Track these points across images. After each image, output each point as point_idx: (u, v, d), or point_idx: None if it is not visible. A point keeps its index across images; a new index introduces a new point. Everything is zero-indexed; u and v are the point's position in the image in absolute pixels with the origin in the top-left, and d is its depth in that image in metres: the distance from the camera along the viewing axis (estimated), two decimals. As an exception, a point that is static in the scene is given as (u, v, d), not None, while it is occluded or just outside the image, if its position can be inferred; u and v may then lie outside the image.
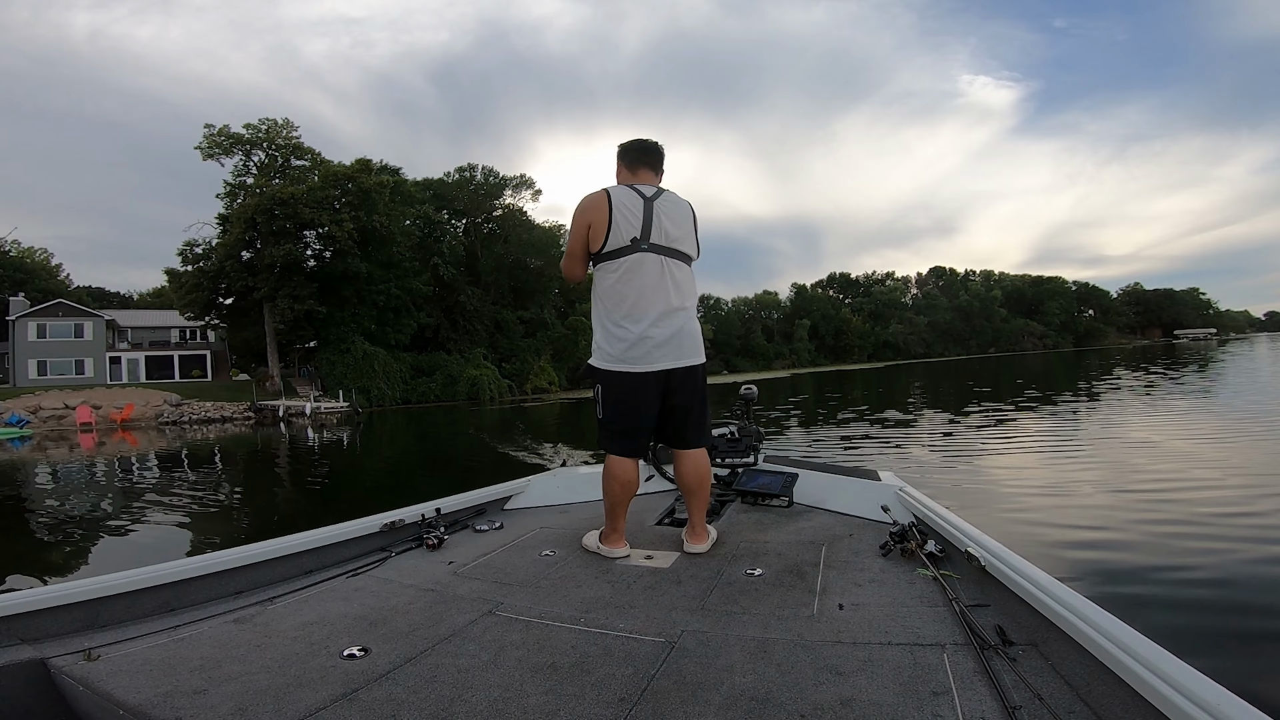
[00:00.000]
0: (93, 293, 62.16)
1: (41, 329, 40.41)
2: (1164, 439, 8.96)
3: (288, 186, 38.21)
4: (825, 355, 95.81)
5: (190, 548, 6.18)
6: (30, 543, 6.87)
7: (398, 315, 43.24)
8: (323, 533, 2.40)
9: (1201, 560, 3.86)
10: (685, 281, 2.36)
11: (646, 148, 2.47)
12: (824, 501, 3.01)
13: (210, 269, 38.91)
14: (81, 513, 8.64)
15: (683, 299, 2.32)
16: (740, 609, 1.82)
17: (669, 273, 2.30)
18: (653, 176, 2.45)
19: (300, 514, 7.54)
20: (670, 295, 2.29)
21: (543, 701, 1.33)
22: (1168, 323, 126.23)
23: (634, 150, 2.47)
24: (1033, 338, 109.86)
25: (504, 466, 11.51)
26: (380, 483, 10.53)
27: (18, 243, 56.96)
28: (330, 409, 33.25)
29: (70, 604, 1.73)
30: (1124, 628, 1.25)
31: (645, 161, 2.45)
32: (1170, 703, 1.02)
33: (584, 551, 2.42)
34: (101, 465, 15.32)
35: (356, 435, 21.41)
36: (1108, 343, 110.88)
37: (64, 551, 6.37)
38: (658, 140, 2.49)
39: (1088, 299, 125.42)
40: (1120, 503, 5.44)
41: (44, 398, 32.62)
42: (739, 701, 1.30)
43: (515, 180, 53.85)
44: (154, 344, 45.64)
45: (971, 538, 1.96)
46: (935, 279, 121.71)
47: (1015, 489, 6.41)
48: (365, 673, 1.48)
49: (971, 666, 1.40)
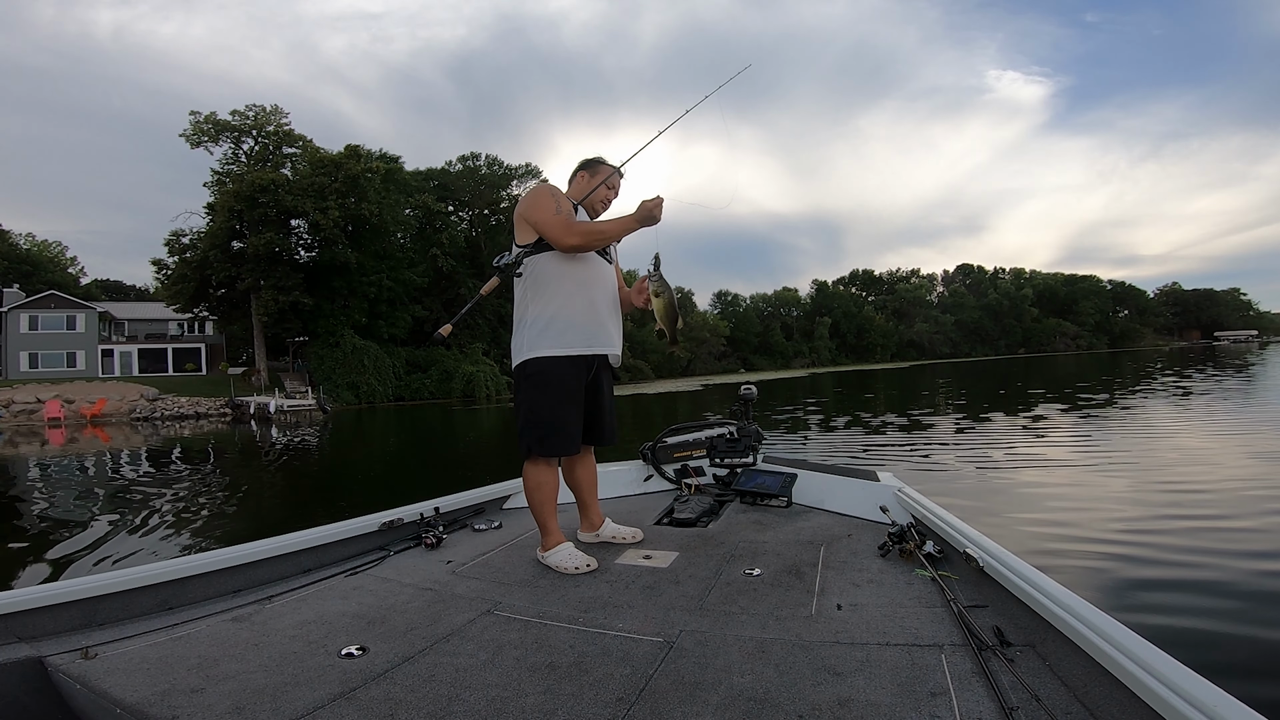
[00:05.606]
0: (106, 286, 61.83)
1: (33, 321, 40.40)
2: (1180, 443, 8.72)
3: (269, 172, 36.50)
4: (847, 354, 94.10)
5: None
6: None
7: (392, 308, 41.82)
8: (321, 531, 2.42)
9: (1202, 561, 3.82)
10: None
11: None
12: (823, 502, 3.05)
13: (195, 259, 37.52)
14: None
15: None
16: (738, 609, 1.84)
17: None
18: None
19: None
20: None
21: (541, 701, 1.35)
22: (1207, 324, 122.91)
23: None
24: (1065, 338, 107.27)
25: (504, 466, 10.82)
26: (264, 508, 8.63)
27: (32, 235, 56.37)
28: (295, 407, 31.61)
29: (67, 602, 1.75)
30: (1121, 629, 1.27)
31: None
32: (1167, 704, 1.05)
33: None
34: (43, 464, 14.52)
35: (316, 437, 19.36)
36: (1144, 344, 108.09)
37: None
38: (590, 157, 2.67)
39: (1123, 299, 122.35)
40: (1121, 503, 5.40)
41: (17, 391, 31.90)
42: (737, 701, 1.32)
43: (521, 170, 51.31)
44: (149, 337, 44.76)
45: (970, 539, 1.98)
46: (962, 277, 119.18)
47: (1018, 490, 6.29)
48: (363, 672, 1.50)
49: (969, 667, 1.43)
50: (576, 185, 2.60)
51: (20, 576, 5.23)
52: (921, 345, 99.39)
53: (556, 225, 2.31)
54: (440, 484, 3.77)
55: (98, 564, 5.65)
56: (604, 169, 2.59)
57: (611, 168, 2.59)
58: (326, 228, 37.00)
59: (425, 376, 41.56)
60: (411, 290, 43.55)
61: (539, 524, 2.40)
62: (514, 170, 52.67)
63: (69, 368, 39.46)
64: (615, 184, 2.62)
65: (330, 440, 18.71)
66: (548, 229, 2.32)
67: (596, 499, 2.66)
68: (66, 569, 5.50)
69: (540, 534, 2.40)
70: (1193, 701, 1.02)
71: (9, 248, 50.00)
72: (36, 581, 4.96)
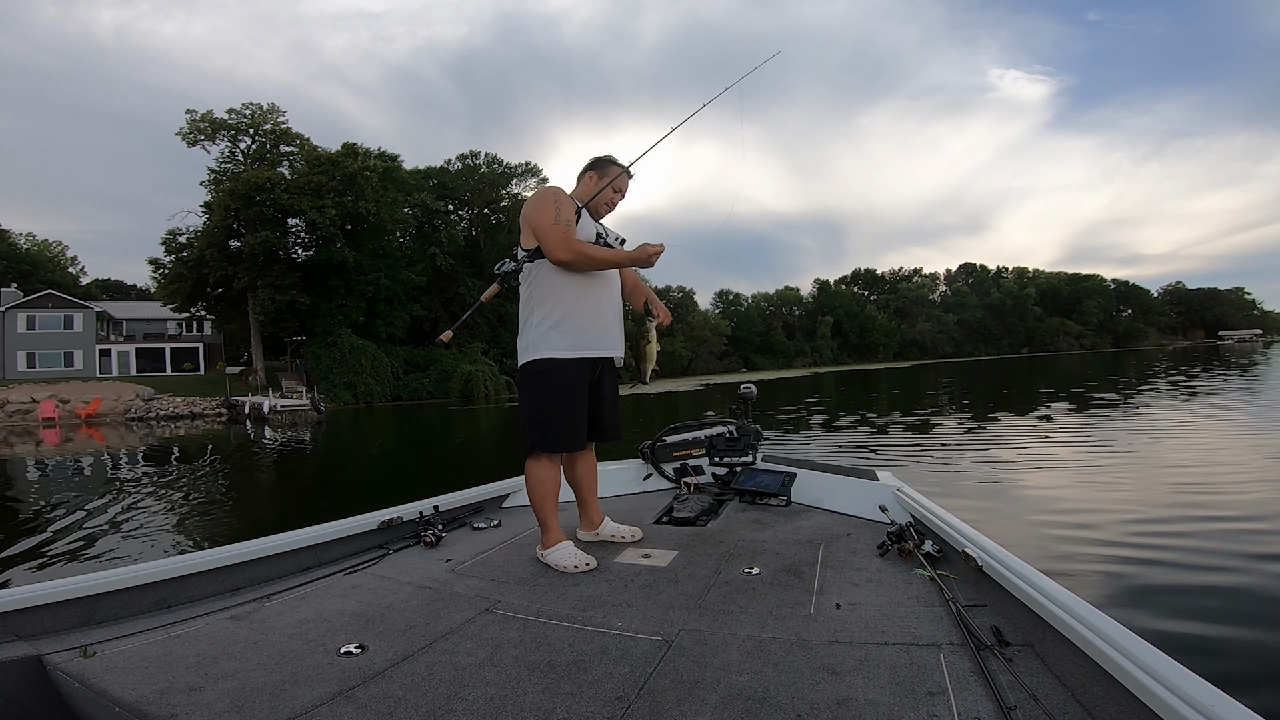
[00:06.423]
0: (107, 286, 61.73)
1: (31, 320, 40.44)
2: (1187, 442, 8.70)
3: (265, 171, 36.26)
4: (849, 353, 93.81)
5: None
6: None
7: (390, 307, 41.66)
8: (320, 530, 2.42)
9: (1201, 562, 3.83)
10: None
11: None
12: (822, 501, 3.06)
13: (191, 259, 37.41)
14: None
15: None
16: (737, 608, 1.84)
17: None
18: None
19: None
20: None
21: (539, 700, 1.36)
22: (1211, 323, 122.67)
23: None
24: (1069, 338, 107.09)
25: (503, 465, 10.74)
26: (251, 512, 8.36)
27: (32, 235, 56.36)
28: (289, 407, 31.17)
29: (66, 600, 1.75)
30: (1120, 629, 1.27)
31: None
32: (1164, 704, 1.05)
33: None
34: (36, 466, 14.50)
35: (310, 438, 19.25)
36: (1148, 343, 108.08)
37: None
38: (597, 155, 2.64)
39: (1127, 298, 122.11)
40: (1121, 504, 5.35)
41: (12, 391, 31.82)
42: (735, 700, 1.33)
43: (520, 169, 51.16)
44: (148, 336, 44.66)
45: (969, 538, 1.98)
46: (965, 276, 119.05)
47: (1021, 490, 6.29)
48: (362, 670, 1.51)
49: (968, 666, 1.43)
50: (583, 186, 2.59)
51: (17, 575, 5.20)
52: (924, 345, 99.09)
53: (553, 235, 2.32)
54: (438, 485, 3.98)
55: (94, 558, 5.62)
56: (612, 170, 2.58)
57: (620, 168, 2.59)
58: (323, 226, 36.86)
59: (423, 376, 41.43)
60: (410, 289, 43.41)
61: (539, 520, 2.41)
62: (514, 169, 52.57)
63: (66, 367, 39.43)
64: (623, 186, 2.62)
65: (324, 441, 18.61)
66: (543, 237, 2.34)
67: (596, 497, 2.67)
68: (64, 566, 5.48)
69: (540, 531, 2.41)
70: (1191, 702, 1.02)
71: (8, 247, 49.99)
72: (35, 580, 4.83)
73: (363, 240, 40.04)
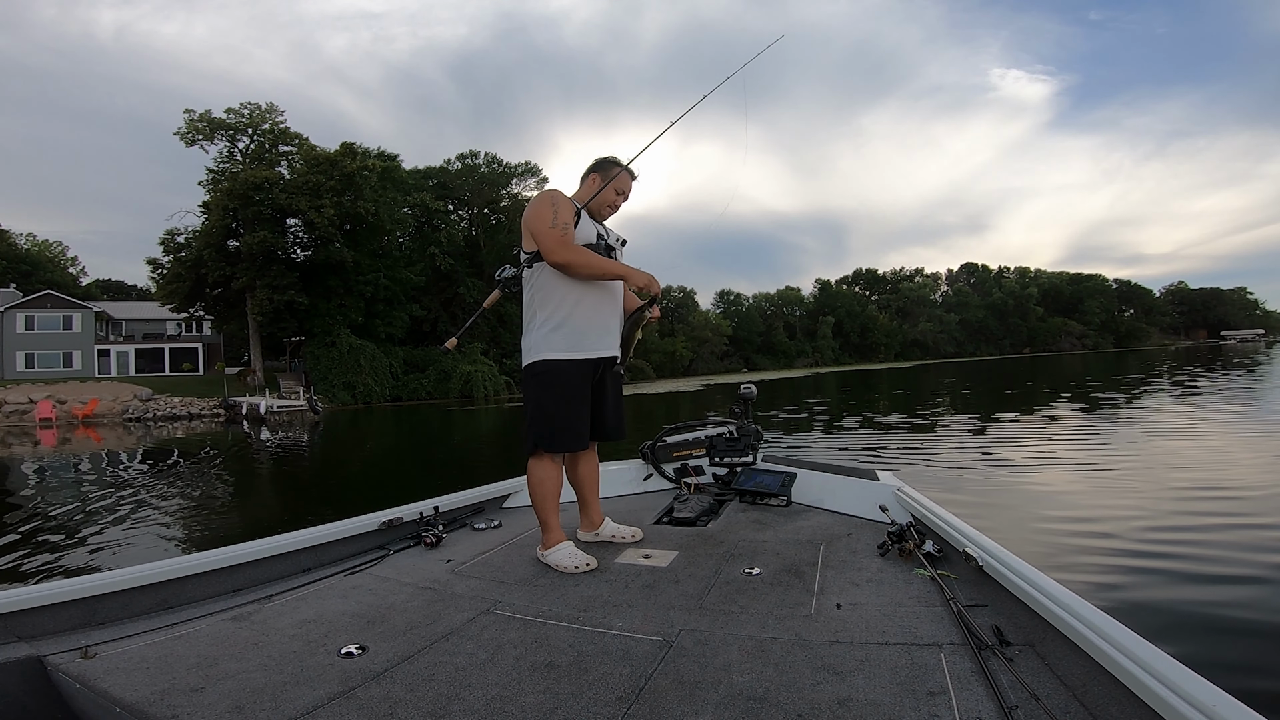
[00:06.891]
0: (107, 286, 61.77)
1: (29, 320, 40.39)
2: (1190, 442, 8.71)
3: (263, 170, 36.26)
4: (850, 353, 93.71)
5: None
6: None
7: (389, 307, 41.65)
8: (321, 530, 2.42)
9: (1203, 562, 3.81)
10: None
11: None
12: (822, 501, 3.06)
13: (189, 259, 37.40)
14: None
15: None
16: (738, 608, 1.84)
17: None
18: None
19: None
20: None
21: (540, 700, 1.36)
22: (1213, 323, 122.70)
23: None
24: (1071, 337, 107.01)
25: (504, 465, 10.86)
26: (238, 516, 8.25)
27: (32, 235, 56.36)
28: (286, 407, 31.21)
29: (67, 601, 1.75)
30: (1121, 629, 1.27)
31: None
32: (1166, 703, 1.06)
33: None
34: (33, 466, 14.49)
35: (307, 439, 19.13)
36: (1150, 343, 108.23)
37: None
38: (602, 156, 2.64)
39: (1129, 298, 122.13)
40: (1122, 503, 5.33)
41: (10, 391, 31.90)
42: (736, 701, 1.33)
43: (520, 168, 51.12)
44: (147, 337, 44.66)
45: (969, 538, 1.99)
46: (967, 276, 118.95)
47: (1021, 490, 6.28)
48: (363, 671, 1.51)
49: (968, 666, 1.43)
50: (585, 188, 2.60)
51: (18, 576, 5.21)
52: (925, 345, 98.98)
53: (550, 238, 2.34)
54: (438, 486, 3.94)
55: (93, 559, 5.63)
56: (613, 171, 2.58)
57: (623, 168, 2.59)
58: (322, 226, 36.77)
59: (423, 376, 41.32)
60: (409, 289, 43.32)
61: (540, 520, 2.42)
62: (514, 169, 52.41)
63: (65, 368, 39.40)
64: (625, 187, 2.62)
65: (321, 442, 18.59)
66: (541, 240, 2.36)
67: (598, 497, 2.68)
68: (64, 566, 5.48)
69: (541, 531, 2.42)
70: (1192, 701, 1.02)
71: (8, 247, 49.98)
72: (35, 581, 4.95)
73: (361, 240, 39.94)
